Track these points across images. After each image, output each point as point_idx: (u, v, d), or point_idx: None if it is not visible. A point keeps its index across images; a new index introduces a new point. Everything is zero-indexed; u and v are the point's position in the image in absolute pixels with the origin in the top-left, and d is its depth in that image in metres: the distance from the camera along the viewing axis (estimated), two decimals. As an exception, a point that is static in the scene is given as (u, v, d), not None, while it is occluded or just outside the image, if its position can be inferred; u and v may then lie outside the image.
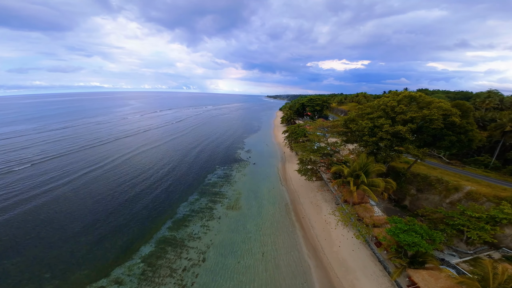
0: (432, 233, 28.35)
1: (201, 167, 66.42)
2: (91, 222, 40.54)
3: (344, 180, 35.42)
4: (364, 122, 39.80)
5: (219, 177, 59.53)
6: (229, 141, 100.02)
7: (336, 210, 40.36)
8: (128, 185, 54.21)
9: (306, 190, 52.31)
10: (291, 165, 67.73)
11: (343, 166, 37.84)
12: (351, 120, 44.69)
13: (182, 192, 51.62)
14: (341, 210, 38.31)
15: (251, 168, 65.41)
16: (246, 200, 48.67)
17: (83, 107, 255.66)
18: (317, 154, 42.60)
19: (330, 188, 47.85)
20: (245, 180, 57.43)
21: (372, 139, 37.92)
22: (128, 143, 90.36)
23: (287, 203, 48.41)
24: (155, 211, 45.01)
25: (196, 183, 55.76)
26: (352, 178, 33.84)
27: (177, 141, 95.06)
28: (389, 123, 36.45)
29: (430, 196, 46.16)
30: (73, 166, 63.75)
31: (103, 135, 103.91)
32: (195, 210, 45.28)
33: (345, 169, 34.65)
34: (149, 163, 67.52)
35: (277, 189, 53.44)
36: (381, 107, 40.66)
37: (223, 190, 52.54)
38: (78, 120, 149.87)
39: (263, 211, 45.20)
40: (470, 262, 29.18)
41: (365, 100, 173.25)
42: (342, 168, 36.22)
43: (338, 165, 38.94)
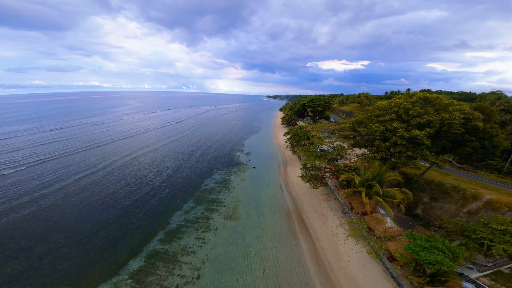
0: (455, 249, 25.36)
1: (198, 171, 62.71)
2: (76, 233, 37.27)
3: (354, 190, 31.94)
4: (375, 125, 36.31)
5: (217, 182, 55.93)
6: (228, 143, 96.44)
7: (345, 222, 36.84)
8: (120, 192, 50.60)
9: (309, 197, 48.81)
10: (293, 169, 64.23)
11: (353, 174, 34.34)
12: (359, 122, 41.22)
13: (176, 200, 48.01)
14: (351, 223, 34.80)
15: (250, 172, 61.86)
16: (245, 208, 45.12)
17: (81, 107, 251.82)
18: (322, 160, 39.07)
19: (336, 195, 44.33)
20: (245, 186, 53.85)
21: (385, 144, 34.41)
22: (124, 145, 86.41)
23: (289, 211, 44.90)
24: (146, 220, 41.49)
25: (191, 189, 52.11)
26: (364, 188, 30.37)
27: (175, 144, 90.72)
28: (403, 127, 33.00)
29: (445, 205, 42.98)
30: (65, 171, 59.82)
31: (99, 136, 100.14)
32: (190, 220, 41.73)
33: (356, 178, 31.16)
34: (144, 168, 63.70)
35: (278, 195, 49.90)
36: (393, 109, 37.19)
37: (220, 197, 48.95)
38: (74, 120, 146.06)
39: (263, 221, 41.68)
40: (491, 276, 26.73)
41: (367, 101, 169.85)
42: (352, 177, 32.73)
43: (347, 173, 35.47)
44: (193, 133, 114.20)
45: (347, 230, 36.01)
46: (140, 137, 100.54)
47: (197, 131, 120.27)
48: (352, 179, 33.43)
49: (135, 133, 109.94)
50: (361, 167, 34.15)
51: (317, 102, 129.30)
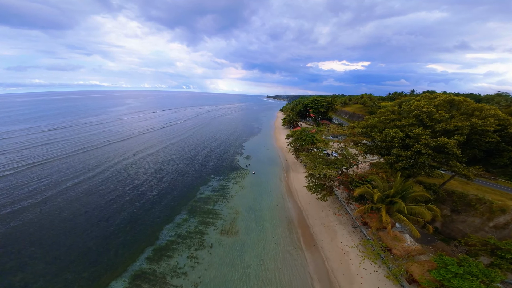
0: (490, 273, 22.16)
1: (194, 177, 57.78)
2: (54, 247, 33.41)
3: (373, 206, 27.41)
4: (392, 130, 31.77)
5: (214, 190, 51.18)
6: (227, 146, 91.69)
7: (359, 243, 32.25)
8: (107, 203, 45.86)
9: (315, 208, 44.20)
10: (296, 175, 59.63)
11: (368, 186, 29.79)
12: (372, 127, 36.69)
13: (168, 211, 43.32)
14: (367, 243, 30.23)
15: (250, 179, 57.13)
16: (244, 221, 40.48)
17: (79, 106, 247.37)
18: (332, 168, 34.44)
19: (347, 209, 39.68)
20: (244, 195, 49.11)
21: (406, 153, 29.84)
22: (119, 149, 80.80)
23: (293, 225, 40.29)
24: (132, 235, 36.97)
25: (185, 198, 47.33)
26: (384, 205, 25.86)
27: (172, 148, 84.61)
28: (428, 134, 28.49)
29: (468, 218, 38.71)
30: (51, 179, 54.17)
31: (93, 138, 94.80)
32: (181, 235, 37.14)
33: (375, 193, 26.58)
34: (136, 175, 58.13)
35: (281, 206, 45.22)
36: (413, 112, 32.65)
37: (217, 207, 44.26)
38: (70, 121, 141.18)
39: (265, 237, 37.07)
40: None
41: (371, 102, 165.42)
42: (370, 191, 28.19)
43: (362, 185, 30.97)
44: (192, 135, 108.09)
45: (362, 251, 31.45)
46: (137, 140, 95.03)
47: (196, 133, 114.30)
48: (368, 194, 28.88)
49: (131, 135, 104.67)
50: (377, 179, 29.65)
51: (319, 103, 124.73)
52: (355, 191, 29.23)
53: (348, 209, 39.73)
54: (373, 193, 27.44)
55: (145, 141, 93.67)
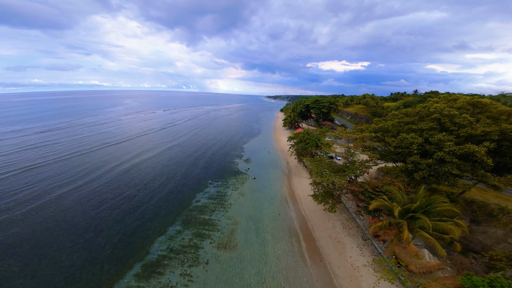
0: None
1: (190, 183, 53.89)
2: (35, 261, 30.51)
3: (391, 221, 23.91)
4: (409, 135, 28.31)
5: (211, 197, 47.52)
6: (226, 148, 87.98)
7: (373, 262, 28.75)
8: (98, 211, 42.29)
9: (321, 218, 40.69)
10: (299, 180, 56.08)
11: (384, 199, 26.32)
12: (385, 130, 33.26)
13: (160, 221, 39.71)
14: (382, 262, 26.76)
15: (250, 184, 53.47)
16: (243, 233, 36.91)
17: (76, 106, 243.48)
18: (341, 176, 30.82)
19: (357, 222, 36.10)
20: (243, 202, 45.46)
21: (427, 161, 26.38)
22: (115, 152, 76.33)
23: (298, 237, 36.76)
24: (121, 248, 33.52)
25: (180, 207, 43.61)
26: (405, 221, 22.41)
27: (170, 152, 79.87)
28: (452, 140, 25.04)
29: (489, 229, 35.57)
30: (38, 187, 49.57)
31: (90, 140, 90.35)
32: (174, 249, 33.63)
33: (395, 208, 23.08)
34: (131, 181, 53.36)
35: (283, 216, 41.66)
36: (433, 115, 29.20)
37: (214, 217, 40.63)
38: (66, 122, 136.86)
39: (266, 251, 33.54)
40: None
41: (374, 102, 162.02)
42: (387, 205, 24.69)
43: (376, 196, 27.52)
44: (191, 138, 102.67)
45: (377, 270, 27.90)
46: (134, 142, 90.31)
47: (195, 135, 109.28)
48: (387, 208, 25.38)
49: (129, 137, 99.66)
50: (395, 190, 26.20)
51: (321, 103, 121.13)
52: (371, 205, 25.75)
53: (358, 221, 36.17)
54: (391, 207, 23.99)
55: (143, 143, 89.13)
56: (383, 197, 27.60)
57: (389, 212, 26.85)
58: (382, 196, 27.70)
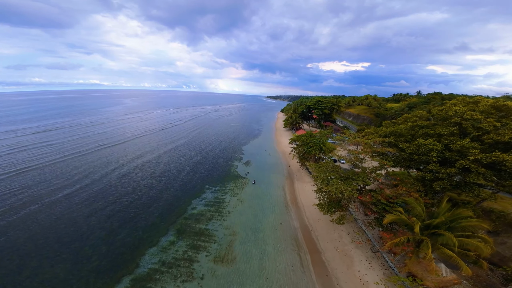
0: None
1: (186, 188, 50.74)
2: (16, 272, 28.23)
3: (410, 238, 21.02)
4: (428, 141, 25.44)
5: (208, 204, 44.53)
6: (225, 150, 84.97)
7: (387, 278, 25.84)
8: (87, 219, 39.49)
9: (326, 228, 37.78)
10: (302, 185, 53.12)
11: (401, 212, 23.43)
12: (398, 135, 30.37)
13: (152, 230, 36.82)
14: (397, 281, 23.85)
15: (250, 190, 50.46)
16: (243, 245, 33.99)
17: (75, 106, 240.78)
18: (350, 185, 27.80)
19: (368, 235, 33.14)
20: (242, 210, 42.48)
21: (448, 170, 23.51)
22: (111, 154, 72.67)
23: (302, 249, 33.85)
24: (109, 260, 30.77)
25: (174, 215, 40.67)
26: (427, 238, 19.58)
27: (169, 155, 76.00)
28: (478, 147, 22.18)
29: (509, 240, 32.71)
30: (27, 194, 46.38)
31: (86, 142, 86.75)
32: (167, 262, 30.80)
33: (415, 224, 20.19)
34: (124, 186, 50.04)
35: (286, 225, 38.71)
36: (453, 119, 26.34)
37: (211, 227, 37.69)
38: (63, 122, 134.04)
39: (267, 265, 30.67)
40: None
41: (377, 104, 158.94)
42: (405, 219, 21.80)
43: (391, 208, 24.64)
44: (191, 140, 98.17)
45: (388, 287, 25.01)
46: (132, 144, 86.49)
47: (195, 137, 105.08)
48: (404, 222, 22.49)
49: (127, 138, 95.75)
50: (413, 201, 23.34)
51: (323, 104, 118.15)
52: (386, 218, 22.87)
53: (368, 234, 33.20)
54: (409, 222, 21.14)
55: (140, 146, 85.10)
56: (399, 209, 24.73)
57: (406, 227, 23.97)
58: (398, 209, 24.83)
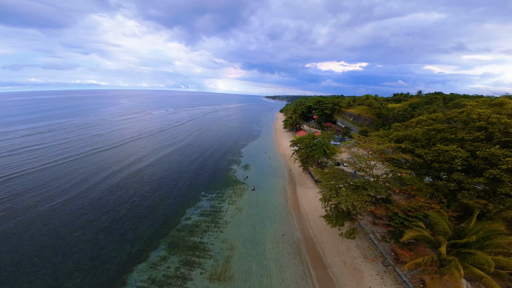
0: None
1: (180, 195, 46.99)
2: None
3: (435, 257, 17.93)
4: (450, 147, 22.42)
5: (203, 213, 41.02)
6: (223, 153, 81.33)
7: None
8: (71, 231, 36.07)
9: (332, 240, 34.64)
10: (304, 191, 49.93)
11: (422, 228, 20.35)
12: (413, 140, 27.32)
13: (141, 243, 33.29)
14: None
15: (249, 197, 47.02)
16: (241, 261, 30.71)
17: (70, 107, 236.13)
18: (363, 195, 24.62)
19: (381, 250, 29.99)
20: (241, 220, 39.08)
21: (475, 179, 20.52)
22: (106, 159, 67.74)
23: (306, 265, 30.62)
24: (92, 277, 27.73)
25: (165, 226, 37.17)
26: (456, 258, 16.55)
27: (166, 160, 71.63)
28: (510, 155, 19.20)
29: None
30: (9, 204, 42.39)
31: (79, 145, 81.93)
32: (157, 280, 27.51)
33: (443, 243, 17.10)
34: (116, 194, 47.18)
35: (288, 237, 35.47)
36: (476, 123, 23.40)
37: (206, 240, 34.34)
38: (56, 123, 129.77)
39: (269, 283, 27.42)
40: None
41: (378, 104, 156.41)
42: (427, 236, 18.72)
43: (413, 224, 21.57)
44: (188, 144, 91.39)
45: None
46: (127, 148, 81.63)
47: (192, 141, 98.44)
48: (425, 239, 19.42)
49: (123, 141, 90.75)
50: (436, 216, 20.32)
51: (324, 104, 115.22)
52: (406, 235, 19.80)
53: (381, 249, 30.05)
54: (432, 240, 18.12)
55: (136, 150, 79.70)
56: (419, 224, 21.70)
57: (428, 244, 20.90)
58: (418, 223, 21.79)
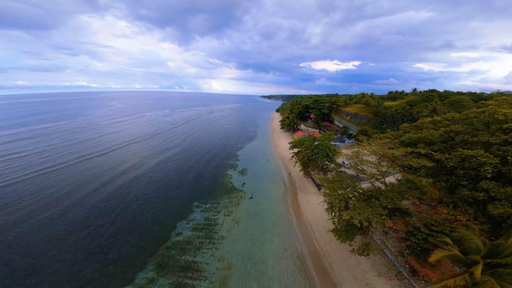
0: None
1: (170, 206, 42.57)
2: None
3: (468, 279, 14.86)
4: (476, 152, 19.48)
5: (196, 227, 36.72)
6: (218, 156, 77.14)
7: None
8: (47, 250, 31.69)
9: (340, 252, 31.41)
10: (306, 197, 46.58)
11: (451, 246, 17.30)
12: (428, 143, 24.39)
13: (126, 264, 29.20)
14: None
15: (247, 206, 43.05)
16: (240, 281, 26.99)
17: (57, 111, 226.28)
18: (378, 208, 21.39)
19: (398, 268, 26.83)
20: (238, 234, 35.11)
21: (510, 189, 17.64)
22: (92, 169, 60.82)
23: (314, 282, 27.31)
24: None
25: (153, 243, 32.89)
26: (493, 279, 13.55)
27: (158, 169, 65.46)
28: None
29: None
30: None
31: (62, 153, 74.76)
32: (142, 313, 23.59)
33: (479, 264, 14.03)
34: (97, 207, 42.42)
35: (292, 251, 32.00)
36: (503, 125, 20.57)
37: (200, 258, 30.42)
38: (42, 128, 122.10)
39: (272, 312, 23.95)
40: None
41: (375, 102, 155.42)
42: (458, 255, 15.65)
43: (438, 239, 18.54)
44: (180, 151, 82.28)
45: None
46: (114, 156, 74.64)
47: (185, 147, 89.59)
48: (455, 257, 16.37)
49: (112, 147, 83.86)
50: (464, 231, 17.32)
51: (322, 103, 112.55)
52: (434, 255, 16.70)
53: (396, 264, 26.93)
54: (465, 259, 15.10)
55: (126, 158, 71.57)
56: (445, 239, 18.69)
57: (459, 264, 17.90)
58: (444, 239, 18.77)
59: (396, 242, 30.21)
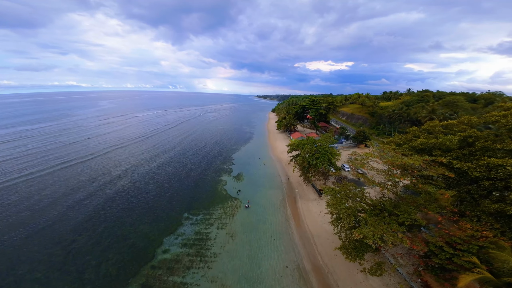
0: None
1: (155, 217, 38.12)
2: None
3: None
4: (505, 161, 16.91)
5: (185, 243, 32.79)
6: (212, 160, 73.62)
7: None
8: (12, 271, 27.38)
9: (346, 267, 28.48)
10: (306, 205, 43.51)
11: (480, 268, 14.58)
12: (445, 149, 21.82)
13: (105, 285, 25.51)
14: None
15: (242, 217, 39.39)
16: (235, 310, 23.82)
17: (43, 111, 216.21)
18: (394, 225, 18.58)
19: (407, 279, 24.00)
20: (233, 250, 31.55)
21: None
22: (75, 176, 55.66)
23: (317, 309, 24.28)
24: None
25: (136, 262, 28.97)
26: None
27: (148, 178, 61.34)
28: None
29: None
30: None
31: (44, 158, 68.51)
32: None
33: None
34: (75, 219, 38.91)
35: (294, 269, 28.81)
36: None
37: (190, 279, 26.80)
38: (25, 130, 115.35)
39: None
40: None
41: (371, 102, 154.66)
42: (490, 278, 12.99)
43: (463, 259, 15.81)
44: (172, 157, 78.57)
45: None
46: (100, 162, 68.72)
47: (177, 152, 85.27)
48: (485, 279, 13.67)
49: (99, 151, 79.07)
50: (496, 251, 14.71)
51: (319, 103, 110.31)
52: (463, 280, 13.94)
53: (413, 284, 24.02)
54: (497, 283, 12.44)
55: (114, 164, 65.41)
56: (473, 260, 16.00)
57: (489, 285, 15.19)
58: (471, 259, 16.08)
59: (409, 257, 27.46)
